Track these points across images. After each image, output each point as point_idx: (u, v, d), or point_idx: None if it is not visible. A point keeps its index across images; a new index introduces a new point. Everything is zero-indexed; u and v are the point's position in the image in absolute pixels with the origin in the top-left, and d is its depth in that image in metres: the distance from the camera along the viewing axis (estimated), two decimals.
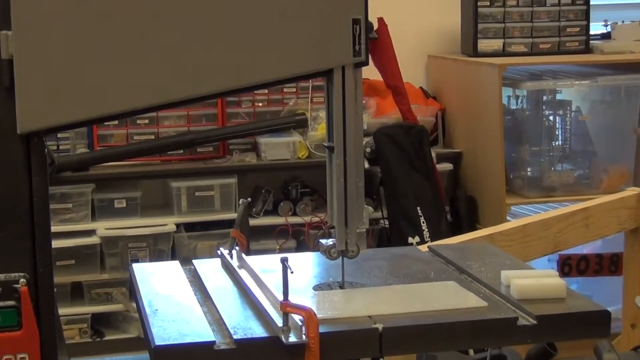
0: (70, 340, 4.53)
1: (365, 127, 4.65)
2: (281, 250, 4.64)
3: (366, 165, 4.58)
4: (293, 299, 1.65)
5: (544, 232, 3.01)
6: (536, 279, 1.87)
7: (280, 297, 1.65)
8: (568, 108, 4.81)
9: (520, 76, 4.83)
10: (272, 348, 1.63)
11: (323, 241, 1.88)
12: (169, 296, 1.87)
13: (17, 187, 1.60)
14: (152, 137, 4.82)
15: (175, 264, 2.15)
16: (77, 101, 1.62)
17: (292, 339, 1.63)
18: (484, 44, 4.97)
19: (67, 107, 1.62)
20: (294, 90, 4.95)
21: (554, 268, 3.99)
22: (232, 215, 4.55)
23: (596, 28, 5.06)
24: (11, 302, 1.59)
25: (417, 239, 4.54)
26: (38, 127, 1.61)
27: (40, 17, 1.61)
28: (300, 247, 4.72)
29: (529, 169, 4.81)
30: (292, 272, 1.66)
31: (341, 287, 1.91)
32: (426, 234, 4.56)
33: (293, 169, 4.93)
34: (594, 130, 4.84)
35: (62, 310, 4.31)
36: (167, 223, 4.75)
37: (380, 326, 1.68)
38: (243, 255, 2.03)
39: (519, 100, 4.86)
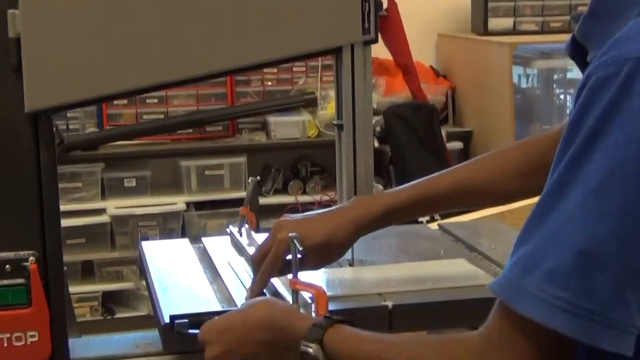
0: (82, 318, 4.55)
1: (375, 106, 4.64)
2: None
3: (376, 144, 4.57)
4: (302, 276, 1.65)
5: None
6: None
7: (290, 275, 1.65)
8: None
9: (530, 55, 4.82)
10: None
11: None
12: (179, 274, 1.87)
13: (25, 166, 1.60)
14: (162, 116, 4.83)
15: (185, 242, 2.15)
16: (84, 79, 1.62)
17: None
18: (494, 23, 4.96)
19: (74, 85, 1.62)
20: (304, 69, 4.94)
21: None
22: (242, 193, 4.55)
23: None
24: (21, 280, 1.59)
25: (427, 217, 4.53)
26: (46, 106, 1.61)
27: None
28: None
29: None
30: (300, 250, 1.66)
31: (351, 264, 1.91)
32: None
33: (303, 147, 4.93)
34: None
35: (73, 289, 4.33)
36: (177, 202, 4.77)
37: (390, 303, 1.68)
38: (252, 233, 2.03)
39: (530, 79, 4.85)
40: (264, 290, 1.71)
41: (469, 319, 1.82)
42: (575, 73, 4.75)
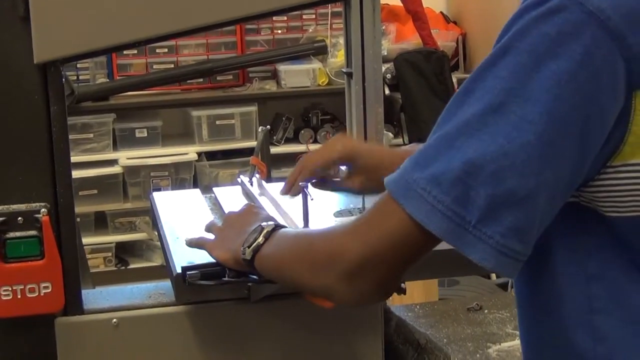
0: (95, 269, 4.59)
1: (385, 53, 4.62)
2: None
3: (387, 91, 4.56)
4: (314, 225, 1.65)
5: None
6: None
7: (301, 224, 1.65)
8: None
9: None
10: None
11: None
12: (190, 224, 1.87)
13: (35, 118, 1.59)
14: (172, 66, 4.82)
15: (196, 192, 2.15)
16: (94, 29, 1.61)
17: None
18: None
19: (83, 35, 1.61)
20: (313, 16, 4.91)
21: None
22: (253, 143, 4.56)
23: None
24: (33, 232, 1.60)
25: None
26: (55, 57, 1.60)
27: None
28: None
29: None
30: (312, 199, 1.66)
31: (361, 212, 1.91)
32: None
33: (313, 96, 4.91)
34: None
35: (86, 240, 4.35)
36: (189, 152, 4.77)
37: None
38: (263, 182, 2.03)
39: None
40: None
41: (474, 267, 1.82)
42: None
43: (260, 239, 1.44)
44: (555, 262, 1.20)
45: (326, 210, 1.92)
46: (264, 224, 1.46)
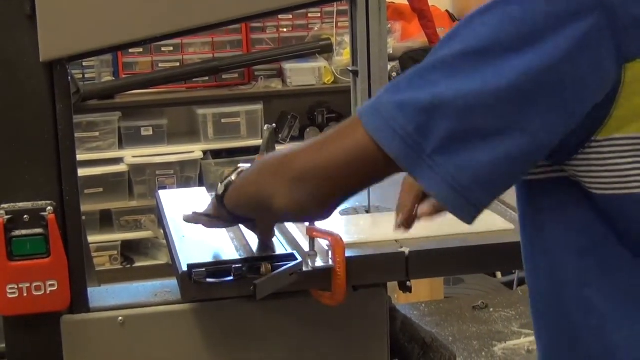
0: (101, 267, 4.59)
1: (391, 52, 4.61)
2: None
3: None
4: (319, 223, 1.65)
5: None
6: None
7: (306, 223, 1.65)
8: None
9: None
10: (299, 272, 1.63)
11: None
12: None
13: (41, 116, 1.60)
14: (177, 64, 4.81)
15: (202, 190, 2.15)
16: (99, 27, 1.61)
17: (319, 263, 1.64)
18: None
19: (89, 33, 1.61)
20: (319, 15, 4.91)
21: None
22: (258, 141, 4.55)
23: None
24: (39, 230, 1.60)
25: None
26: (61, 55, 1.60)
27: None
28: None
29: None
30: None
31: (367, 211, 1.91)
32: None
33: (319, 94, 4.91)
34: None
35: (92, 238, 4.36)
36: (194, 150, 4.77)
37: (406, 250, 1.68)
38: None
39: None
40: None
41: (486, 265, 1.82)
42: None
43: (234, 176, 1.50)
44: (546, 236, 1.22)
45: None
46: (241, 165, 1.52)
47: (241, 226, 1.81)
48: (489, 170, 1.11)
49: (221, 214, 1.56)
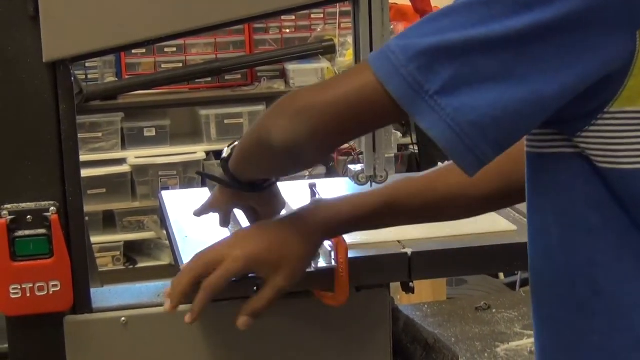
0: (104, 268, 4.59)
1: None
2: (311, 177, 4.64)
3: None
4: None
5: None
6: None
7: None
8: None
9: None
10: None
11: (352, 167, 1.87)
12: (199, 223, 1.87)
13: (44, 116, 1.60)
14: (180, 65, 4.82)
15: (205, 191, 2.15)
16: (103, 28, 1.61)
17: (322, 264, 1.64)
18: None
19: (93, 34, 1.61)
20: (322, 16, 4.92)
21: None
22: None
23: None
24: (42, 231, 1.60)
25: (446, 163, 4.53)
26: (64, 55, 1.60)
27: None
28: (330, 174, 4.73)
29: None
30: (321, 196, 1.66)
31: None
32: None
33: None
34: None
35: (94, 239, 4.36)
36: (197, 151, 4.78)
37: (409, 250, 1.68)
38: None
39: None
40: None
41: (489, 266, 1.82)
42: None
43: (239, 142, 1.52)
44: (556, 213, 1.22)
45: None
46: None
47: (243, 226, 1.82)
48: (488, 116, 1.12)
49: (225, 183, 1.55)
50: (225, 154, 1.53)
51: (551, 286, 1.26)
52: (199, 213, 1.68)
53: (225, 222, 1.68)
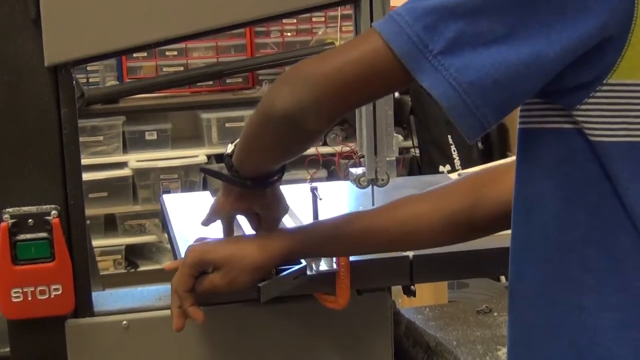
0: (105, 272, 4.59)
1: None
2: (312, 180, 4.65)
3: (396, 94, 4.55)
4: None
5: None
6: None
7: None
8: None
9: None
10: (303, 276, 1.63)
11: (353, 170, 1.87)
12: (200, 226, 1.87)
13: (46, 120, 1.60)
14: (181, 68, 4.82)
15: (206, 194, 2.15)
16: (104, 32, 1.61)
17: (323, 267, 1.64)
18: None
19: (94, 38, 1.61)
20: (323, 19, 4.91)
21: None
22: None
23: None
24: (43, 234, 1.60)
25: (447, 167, 4.53)
26: (66, 59, 1.60)
27: None
28: (331, 177, 4.74)
29: None
30: (320, 199, 1.66)
31: None
32: (457, 162, 4.55)
33: None
34: None
35: (96, 242, 4.36)
36: (198, 154, 4.78)
37: (410, 254, 1.68)
38: None
39: None
40: None
41: (490, 269, 1.82)
42: None
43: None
44: (550, 189, 1.21)
45: (335, 210, 1.92)
46: None
47: (245, 229, 1.82)
48: (490, 76, 1.12)
49: (228, 179, 1.54)
50: (229, 150, 1.53)
51: (540, 262, 1.25)
52: (206, 222, 1.67)
53: (228, 232, 1.65)
